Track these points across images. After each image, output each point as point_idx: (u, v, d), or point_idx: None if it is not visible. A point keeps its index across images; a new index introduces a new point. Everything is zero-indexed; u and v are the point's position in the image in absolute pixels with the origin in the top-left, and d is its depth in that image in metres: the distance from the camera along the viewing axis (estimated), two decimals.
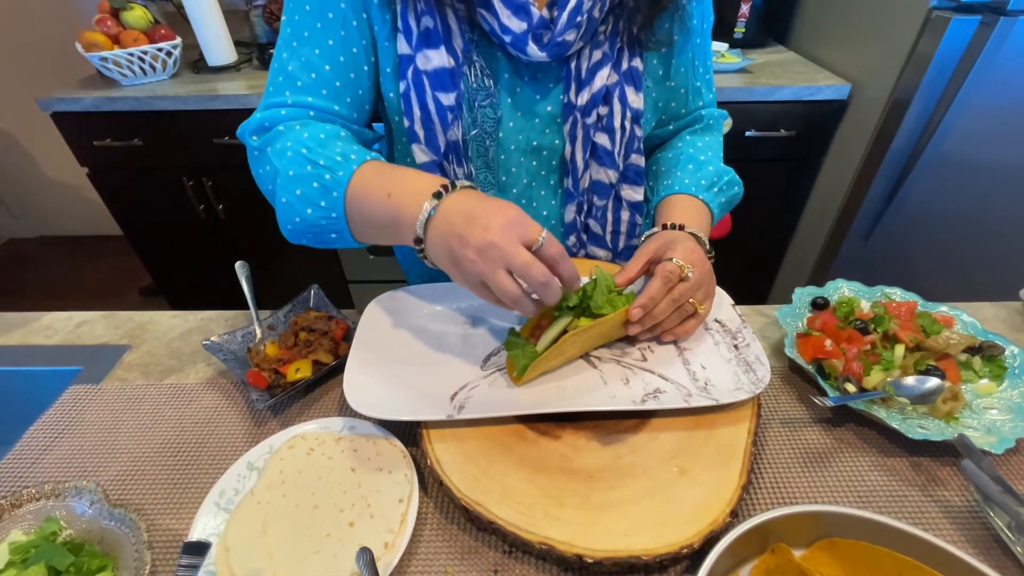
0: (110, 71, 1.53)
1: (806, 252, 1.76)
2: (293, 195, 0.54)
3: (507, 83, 0.64)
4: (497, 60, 0.63)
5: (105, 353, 0.70)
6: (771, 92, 1.48)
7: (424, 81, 0.59)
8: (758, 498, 0.51)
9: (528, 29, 0.57)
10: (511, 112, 0.66)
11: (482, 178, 0.68)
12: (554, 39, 0.58)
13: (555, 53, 0.60)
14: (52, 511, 0.48)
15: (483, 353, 0.59)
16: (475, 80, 0.62)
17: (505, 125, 0.66)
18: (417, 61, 0.59)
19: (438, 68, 0.59)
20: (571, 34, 0.58)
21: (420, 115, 0.61)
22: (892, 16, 1.34)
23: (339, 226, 0.54)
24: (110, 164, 1.64)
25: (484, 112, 0.63)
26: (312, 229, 0.56)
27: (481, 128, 0.64)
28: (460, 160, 0.65)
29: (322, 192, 0.53)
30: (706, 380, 0.54)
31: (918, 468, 0.53)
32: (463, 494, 0.46)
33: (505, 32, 0.58)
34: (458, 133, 0.63)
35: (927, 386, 0.56)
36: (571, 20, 0.57)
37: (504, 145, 0.67)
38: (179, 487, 0.53)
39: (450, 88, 0.60)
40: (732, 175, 0.71)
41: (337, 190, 0.53)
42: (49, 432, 0.58)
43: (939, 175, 1.36)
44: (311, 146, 0.54)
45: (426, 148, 0.63)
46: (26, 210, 2.64)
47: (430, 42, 0.58)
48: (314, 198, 0.54)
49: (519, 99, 0.65)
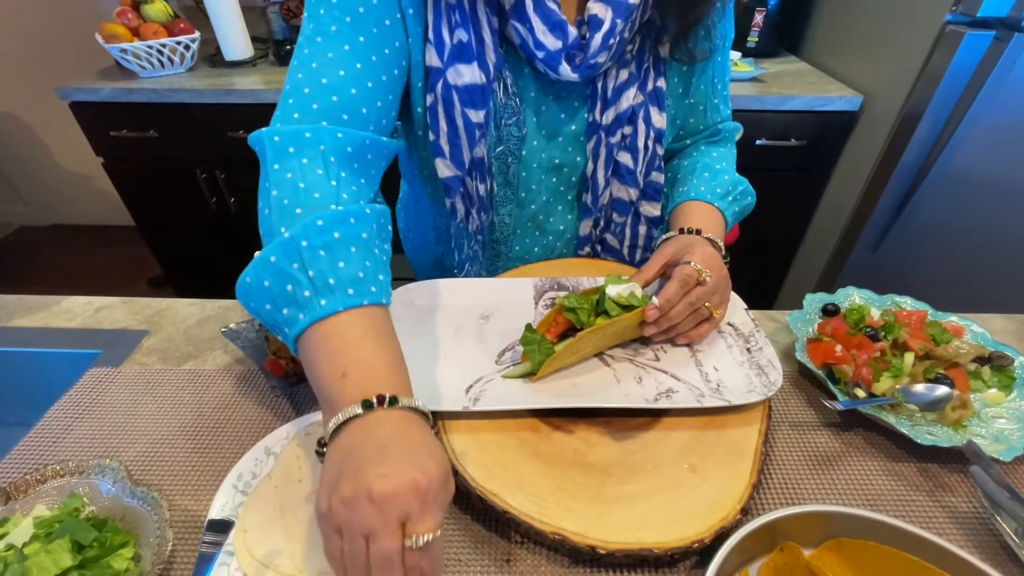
0: (129, 63, 1.55)
1: (814, 261, 1.76)
2: (260, 283, 0.45)
3: (533, 101, 0.64)
4: (524, 77, 0.63)
5: (124, 337, 0.71)
6: (782, 102, 1.49)
7: (454, 96, 0.58)
8: (767, 498, 0.51)
9: (563, 48, 0.57)
10: (535, 131, 0.66)
11: (502, 194, 0.69)
12: (587, 61, 0.58)
13: (586, 75, 0.60)
14: (76, 488, 0.49)
15: (498, 348, 0.60)
16: (503, 97, 0.61)
17: (529, 143, 0.66)
18: (448, 75, 0.57)
19: (469, 84, 0.57)
20: (603, 56, 0.58)
21: (447, 130, 0.60)
22: (906, 29, 1.35)
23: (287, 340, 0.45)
24: (125, 155, 1.66)
25: (509, 130, 0.63)
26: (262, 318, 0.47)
27: (506, 145, 0.64)
28: (483, 176, 0.65)
29: (290, 302, 0.44)
30: (718, 381, 0.55)
31: (926, 474, 0.53)
32: (478, 484, 0.47)
33: (539, 48, 0.57)
34: (483, 150, 0.63)
35: (936, 394, 0.57)
36: (604, 43, 0.57)
37: (526, 163, 0.68)
38: (197, 469, 0.54)
39: (480, 105, 0.59)
40: (746, 185, 0.72)
41: (306, 313, 0.43)
42: (70, 412, 0.60)
43: (949, 189, 1.37)
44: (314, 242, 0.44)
45: (450, 163, 0.62)
46: (38, 198, 2.67)
47: (463, 57, 0.56)
48: (279, 300, 0.44)
49: (544, 118, 0.65)
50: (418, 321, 0.63)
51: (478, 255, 0.74)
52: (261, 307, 0.46)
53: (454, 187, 0.65)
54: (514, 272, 0.74)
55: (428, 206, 0.78)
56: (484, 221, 0.70)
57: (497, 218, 0.71)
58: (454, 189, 0.65)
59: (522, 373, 0.56)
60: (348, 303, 0.43)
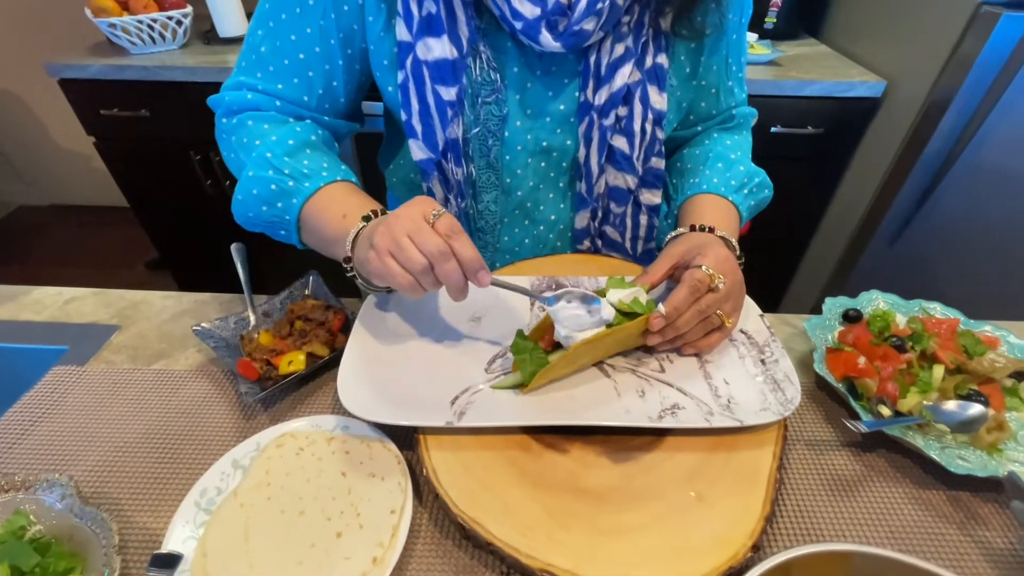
0: (119, 38, 1.49)
1: (826, 255, 1.70)
2: (249, 194, 0.56)
3: (516, 77, 0.59)
4: (506, 51, 0.57)
5: (93, 333, 0.66)
6: (800, 87, 1.41)
7: (424, 72, 0.55)
8: (779, 528, 0.47)
9: (542, 15, 0.52)
10: (519, 110, 0.60)
11: (485, 179, 0.63)
12: (571, 27, 0.52)
13: (571, 44, 0.54)
14: (21, 504, 0.44)
15: (488, 355, 0.55)
16: (479, 73, 0.56)
17: (512, 123, 0.61)
18: (417, 50, 0.54)
19: (439, 59, 0.54)
20: (590, 23, 0.52)
21: (418, 109, 0.56)
22: (936, 11, 1.26)
23: (289, 228, 0.57)
24: (117, 134, 1.61)
25: (488, 108, 0.58)
26: (263, 223, 0.58)
27: (484, 126, 0.59)
28: (459, 160, 0.60)
29: (280, 195, 0.55)
30: (729, 397, 0.50)
31: (956, 503, 0.49)
32: (460, 510, 0.43)
33: (516, 18, 0.52)
34: (458, 131, 0.58)
35: (969, 413, 0.52)
36: (591, 6, 0.51)
37: (510, 145, 0.62)
38: (159, 482, 0.50)
39: (451, 82, 0.55)
40: (763, 177, 0.66)
41: (297, 197, 0.55)
42: (28, 416, 0.55)
43: (975, 182, 1.30)
44: (277, 152, 0.55)
45: (423, 145, 0.58)
46: (37, 177, 2.63)
47: (432, 29, 0.53)
48: (270, 199, 0.56)
49: (529, 96, 0.60)
50: (401, 323, 0.58)
51: None
52: (259, 211, 0.57)
53: (429, 170, 0.61)
54: (509, 269, 0.68)
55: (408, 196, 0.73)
56: (464, 208, 0.65)
57: (481, 205, 0.66)
58: (429, 172, 0.61)
59: (512, 384, 0.51)
60: (327, 180, 0.55)
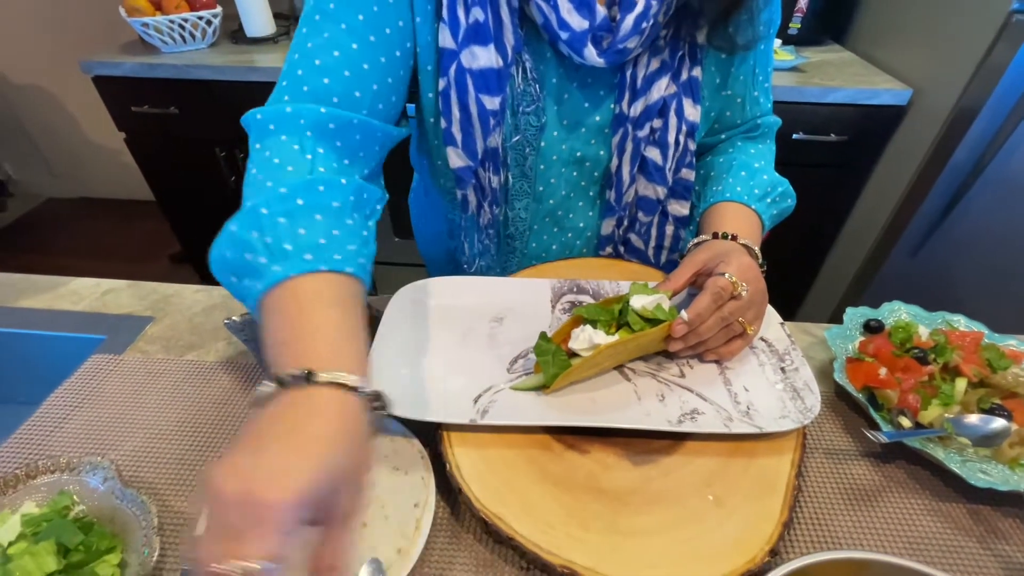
0: (151, 37, 1.53)
1: (846, 264, 1.68)
2: (222, 256, 0.43)
3: (554, 88, 0.59)
4: (546, 62, 0.58)
5: (128, 323, 0.69)
6: (824, 94, 1.40)
7: (468, 81, 0.54)
8: (796, 534, 0.47)
9: (589, 29, 0.52)
10: (556, 120, 0.61)
11: (517, 187, 0.64)
12: (615, 44, 0.53)
13: (613, 60, 0.55)
14: (66, 485, 0.47)
15: (510, 355, 0.56)
16: (521, 83, 0.57)
17: (548, 134, 0.61)
18: (462, 58, 0.53)
19: (485, 68, 0.53)
20: (633, 41, 0.53)
21: (460, 117, 0.56)
22: (965, 18, 1.24)
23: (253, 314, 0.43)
24: (146, 131, 1.65)
25: (527, 119, 0.59)
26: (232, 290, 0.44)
27: (523, 135, 0.60)
28: (497, 168, 0.61)
29: (248, 270, 0.41)
30: (749, 404, 0.50)
31: (976, 516, 0.49)
32: (482, 505, 0.44)
33: (563, 28, 0.52)
34: (498, 140, 0.58)
35: (992, 427, 0.51)
36: (636, 26, 0.52)
37: (544, 154, 0.63)
38: (194, 469, 0.52)
39: (496, 91, 0.55)
40: (787, 186, 0.66)
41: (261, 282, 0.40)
42: (69, 401, 0.58)
43: (1002, 194, 1.27)
44: (275, 209, 0.42)
45: (462, 153, 0.58)
46: (66, 170, 2.70)
47: (479, 38, 0.52)
48: (238, 270, 0.42)
49: (566, 107, 0.61)
50: (425, 322, 0.60)
51: (489, 250, 0.70)
52: (227, 281, 0.43)
53: (466, 178, 0.61)
54: (531, 271, 0.70)
55: (439, 198, 0.74)
56: (497, 215, 0.66)
57: (512, 212, 0.67)
58: (466, 180, 0.61)
59: (534, 385, 0.52)
60: (303, 268, 0.39)
